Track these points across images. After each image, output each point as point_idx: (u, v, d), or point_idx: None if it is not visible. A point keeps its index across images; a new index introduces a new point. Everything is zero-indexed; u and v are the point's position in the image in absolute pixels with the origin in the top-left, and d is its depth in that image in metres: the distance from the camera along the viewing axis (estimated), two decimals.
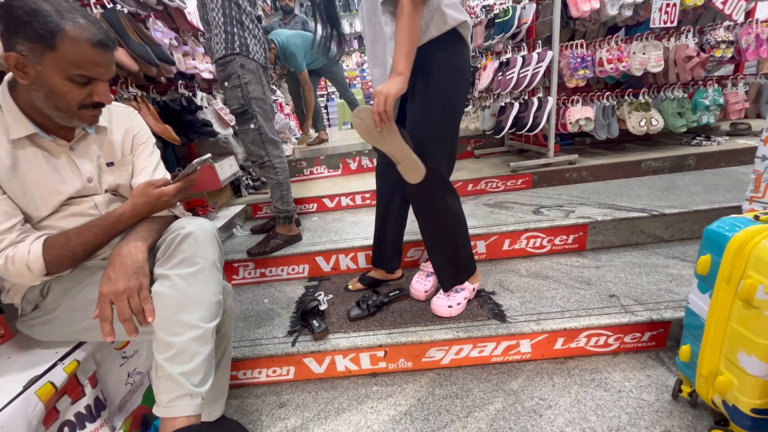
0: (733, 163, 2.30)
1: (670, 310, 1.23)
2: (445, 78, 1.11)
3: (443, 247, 1.31)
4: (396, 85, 1.02)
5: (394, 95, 1.02)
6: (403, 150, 1.10)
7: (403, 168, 1.13)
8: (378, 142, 1.12)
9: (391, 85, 1.02)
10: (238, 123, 1.70)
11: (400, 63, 1.03)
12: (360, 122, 1.09)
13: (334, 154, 3.00)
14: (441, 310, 1.34)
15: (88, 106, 0.81)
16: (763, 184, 1.33)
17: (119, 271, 0.77)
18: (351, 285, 1.60)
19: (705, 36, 2.43)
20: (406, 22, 1.00)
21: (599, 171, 2.30)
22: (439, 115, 1.14)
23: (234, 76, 1.59)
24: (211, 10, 1.55)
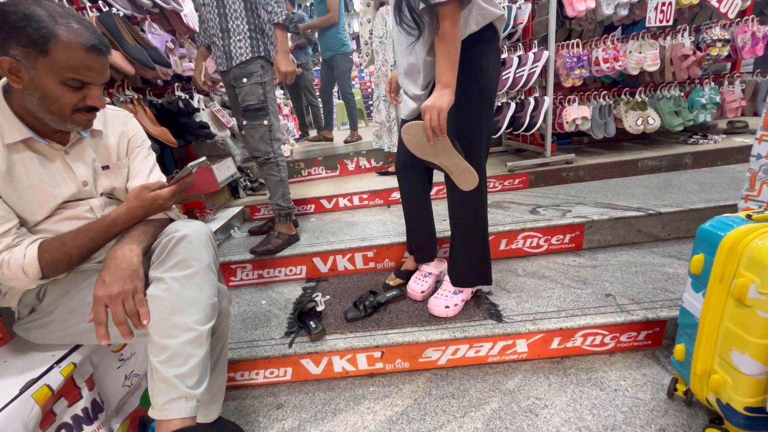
0: (730, 161, 2.30)
1: (666, 309, 1.24)
2: (483, 72, 1.12)
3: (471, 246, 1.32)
4: (446, 97, 1.01)
5: (447, 108, 1.01)
6: (457, 160, 1.08)
7: (457, 177, 1.12)
8: (431, 156, 1.09)
9: (442, 99, 1.00)
10: (249, 118, 1.72)
11: (447, 75, 1.01)
12: (410, 138, 1.07)
13: (332, 155, 3.01)
14: (438, 310, 1.34)
15: (81, 111, 0.82)
16: (758, 183, 1.33)
17: (114, 275, 0.77)
18: (390, 281, 1.61)
19: (701, 34, 2.43)
20: (449, 35, 0.99)
21: (596, 170, 2.30)
22: (479, 109, 1.14)
23: (256, 74, 1.68)
24: (234, 20, 1.63)
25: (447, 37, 0.98)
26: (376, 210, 2.31)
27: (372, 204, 2.39)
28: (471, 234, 1.30)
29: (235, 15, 1.64)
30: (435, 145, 1.05)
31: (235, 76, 1.69)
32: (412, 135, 1.06)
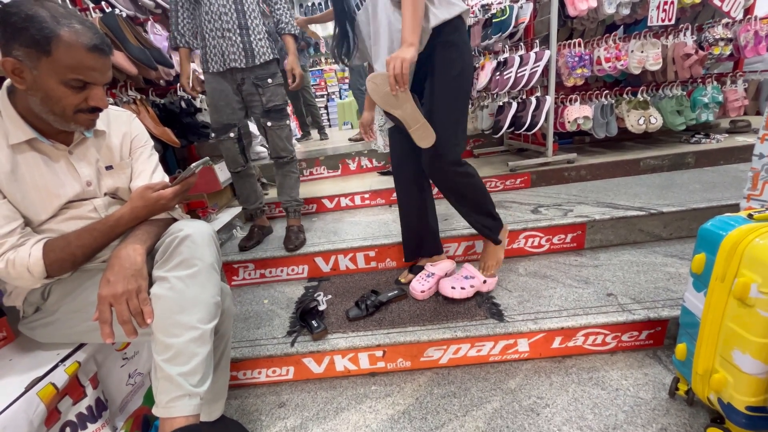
0: (733, 160, 2.30)
1: (668, 308, 1.24)
2: (459, 55, 1.21)
3: (473, 210, 1.40)
4: (409, 51, 1.06)
5: (410, 59, 1.06)
6: (416, 114, 1.15)
7: (415, 132, 1.18)
8: (392, 106, 1.15)
9: (406, 52, 1.06)
10: (275, 119, 1.75)
11: (410, 35, 1.08)
12: (375, 87, 1.13)
13: (333, 155, 3.01)
14: (445, 290, 1.41)
15: (84, 111, 0.82)
16: (760, 182, 1.33)
17: (118, 274, 0.78)
18: (403, 278, 1.62)
19: (703, 33, 2.42)
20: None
21: (598, 170, 2.30)
22: (456, 88, 1.23)
23: (278, 75, 1.73)
24: (252, 18, 1.63)
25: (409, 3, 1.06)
26: (377, 210, 2.32)
27: (374, 204, 2.40)
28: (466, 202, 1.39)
29: (253, 15, 1.64)
30: (397, 96, 1.12)
31: (259, 75, 1.68)
32: (378, 84, 1.12)
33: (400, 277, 1.63)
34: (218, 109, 1.69)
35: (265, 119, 1.74)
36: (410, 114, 1.15)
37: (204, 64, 1.66)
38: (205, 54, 1.65)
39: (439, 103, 1.23)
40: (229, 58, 1.62)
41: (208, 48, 1.63)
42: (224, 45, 1.61)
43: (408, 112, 1.15)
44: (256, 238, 1.93)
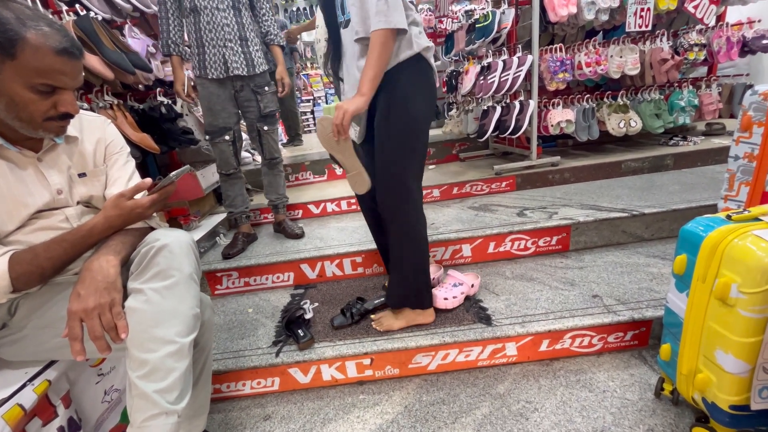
0: (709, 162, 2.36)
1: (651, 308, 1.25)
2: (409, 99, 1.17)
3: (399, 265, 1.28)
4: (356, 103, 1.10)
5: (353, 112, 1.10)
6: (354, 162, 1.20)
7: (351, 178, 1.23)
8: (333, 151, 1.21)
9: (352, 103, 1.10)
10: (270, 124, 1.89)
11: (365, 85, 1.11)
12: (321, 129, 1.19)
13: (320, 160, 2.98)
14: (437, 301, 1.37)
15: (54, 118, 0.79)
16: (736, 183, 1.36)
17: (89, 287, 0.74)
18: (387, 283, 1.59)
19: (679, 39, 2.50)
20: (378, 50, 1.09)
21: (581, 172, 2.33)
22: (404, 133, 1.17)
23: (272, 83, 1.86)
24: (249, 30, 1.74)
25: (378, 47, 1.08)
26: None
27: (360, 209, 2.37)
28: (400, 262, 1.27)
29: (251, 27, 1.76)
30: (339, 142, 1.17)
31: (258, 83, 1.81)
32: (324, 127, 1.18)
33: (386, 281, 1.61)
34: (215, 113, 1.75)
35: (262, 123, 1.86)
36: (349, 161, 1.20)
37: (201, 70, 1.70)
38: (203, 61, 1.69)
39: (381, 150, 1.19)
40: (232, 66, 1.71)
41: (207, 56, 1.68)
42: (227, 54, 1.69)
43: (347, 158, 1.20)
44: (240, 245, 1.89)
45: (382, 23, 1.07)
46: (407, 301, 1.32)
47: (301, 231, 2.01)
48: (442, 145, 3.14)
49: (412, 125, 1.17)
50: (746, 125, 1.28)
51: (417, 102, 1.17)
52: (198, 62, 1.69)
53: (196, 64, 1.69)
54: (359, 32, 1.13)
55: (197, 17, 1.64)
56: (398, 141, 1.17)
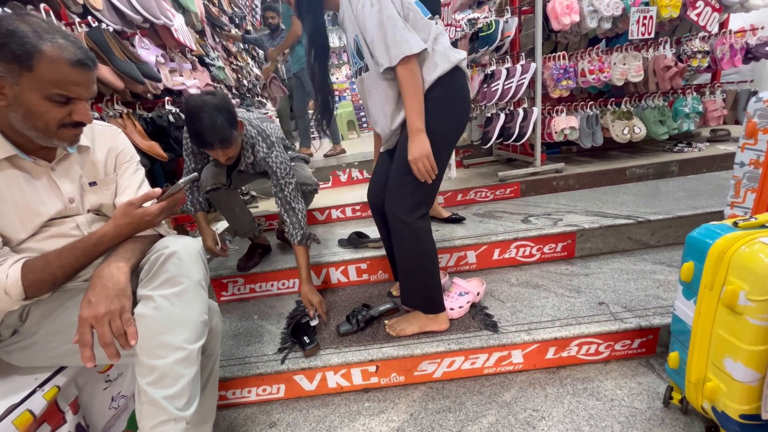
0: (715, 168, 2.35)
1: (659, 316, 1.24)
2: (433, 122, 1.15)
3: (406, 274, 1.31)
4: (422, 142, 1.12)
5: (428, 152, 1.12)
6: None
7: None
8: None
9: (421, 146, 1.11)
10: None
11: (416, 121, 1.11)
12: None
13: (324, 167, 3.01)
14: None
15: (68, 126, 0.81)
16: (742, 190, 1.36)
17: (100, 294, 0.75)
18: (394, 290, 1.60)
19: (682, 46, 2.51)
20: (410, 81, 1.10)
21: (585, 179, 2.33)
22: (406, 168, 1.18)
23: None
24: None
25: (407, 80, 1.09)
26: (369, 221, 2.31)
27: (365, 215, 2.39)
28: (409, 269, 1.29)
29: None
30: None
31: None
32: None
33: (392, 289, 1.62)
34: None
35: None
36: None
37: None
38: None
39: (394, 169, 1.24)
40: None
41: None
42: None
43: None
44: (256, 258, 1.85)
45: (403, 52, 1.07)
46: (420, 304, 1.32)
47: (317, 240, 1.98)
48: None
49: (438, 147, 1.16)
50: (751, 132, 1.28)
51: (443, 123, 1.17)
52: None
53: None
54: (383, 63, 1.11)
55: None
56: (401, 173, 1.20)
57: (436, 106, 1.16)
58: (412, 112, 1.11)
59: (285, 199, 1.50)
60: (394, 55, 1.08)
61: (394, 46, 1.08)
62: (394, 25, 1.08)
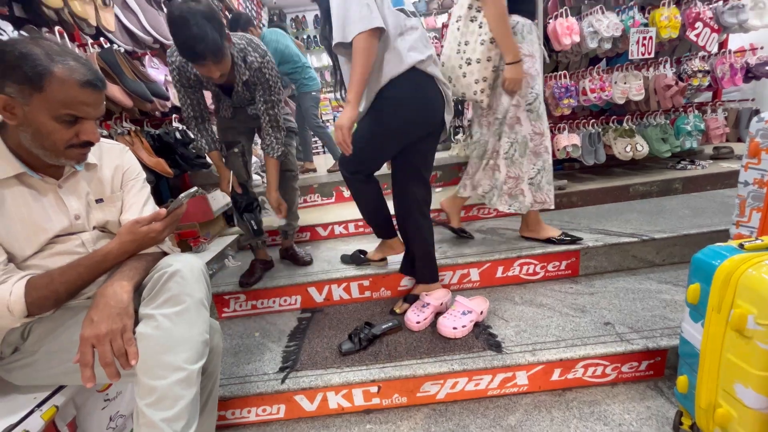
0: (719, 186, 2.35)
1: (666, 337, 1.22)
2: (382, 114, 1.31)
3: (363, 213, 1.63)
4: (346, 115, 1.22)
5: (348, 126, 1.23)
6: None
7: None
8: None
9: (343, 117, 1.22)
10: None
11: (350, 92, 1.20)
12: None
13: (328, 182, 3.02)
14: (446, 330, 1.36)
15: (75, 146, 0.82)
16: (747, 209, 1.35)
17: (102, 313, 0.75)
18: (398, 308, 1.60)
19: (682, 66, 2.54)
20: (360, 54, 1.16)
21: (588, 196, 2.33)
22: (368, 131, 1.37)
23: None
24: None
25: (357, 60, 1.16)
26: (371, 237, 2.30)
27: (368, 231, 2.39)
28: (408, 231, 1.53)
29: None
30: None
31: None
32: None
33: (395, 307, 1.60)
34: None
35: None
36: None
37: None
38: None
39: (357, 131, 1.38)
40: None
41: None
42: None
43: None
44: (258, 273, 1.84)
45: (362, 27, 1.13)
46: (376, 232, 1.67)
47: (310, 258, 1.97)
48: (449, 168, 3.16)
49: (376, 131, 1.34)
50: (754, 151, 1.29)
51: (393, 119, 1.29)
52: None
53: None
54: (336, 38, 1.19)
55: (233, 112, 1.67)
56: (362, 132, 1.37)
57: (388, 104, 1.27)
58: (352, 83, 1.19)
59: (274, 117, 1.57)
60: (350, 31, 1.15)
61: (354, 21, 1.14)
62: (358, 2, 1.13)
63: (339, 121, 1.23)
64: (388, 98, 1.27)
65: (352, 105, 1.21)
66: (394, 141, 1.39)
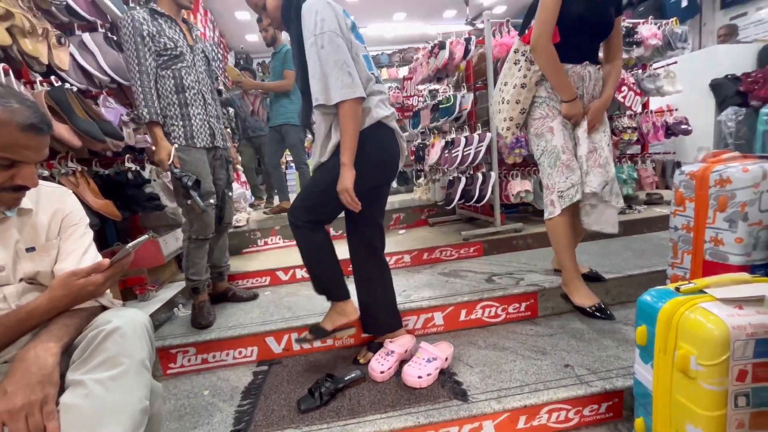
0: (654, 229, 2.57)
1: (621, 378, 1.26)
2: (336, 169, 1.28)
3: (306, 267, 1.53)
4: (347, 176, 1.24)
5: (351, 186, 1.24)
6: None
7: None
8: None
9: (345, 179, 1.24)
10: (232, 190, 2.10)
11: (345, 155, 1.23)
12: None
13: None
14: (411, 380, 1.32)
15: (7, 189, 0.76)
16: (680, 251, 1.49)
17: (19, 382, 0.65)
18: (361, 358, 1.53)
19: (614, 122, 2.86)
20: (351, 120, 1.21)
21: (543, 238, 2.45)
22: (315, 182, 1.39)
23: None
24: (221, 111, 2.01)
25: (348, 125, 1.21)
26: None
27: None
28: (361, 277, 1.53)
29: (217, 105, 1.92)
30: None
31: (230, 155, 2.00)
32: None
33: (359, 356, 1.54)
34: (203, 177, 1.77)
35: (228, 189, 1.99)
36: None
37: (189, 140, 1.74)
38: (190, 131, 1.74)
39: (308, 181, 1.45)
40: (216, 138, 1.86)
41: (195, 127, 1.76)
42: (212, 126, 1.83)
43: None
44: (214, 313, 1.84)
45: (348, 95, 1.19)
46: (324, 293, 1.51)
47: (253, 293, 2.03)
48: (412, 211, 3.24)
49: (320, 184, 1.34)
50: (679, 200, 1.44)
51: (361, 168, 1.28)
52: (185, 132, 1.72)
53: (181, 134, 1.71)
54: (319, 99, 1.23)
55: (183, 93, 1.72)
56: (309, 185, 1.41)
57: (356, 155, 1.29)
58: (345, 147, 1.23)
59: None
60: (334, 96, 1.19)
61: (338, 87, 1.19)
62: (340, 68, 1.19)
63: (343, 184, 1.24)
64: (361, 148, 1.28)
65: (349, 166, 1.24)
66: (354, 189, 1.40)
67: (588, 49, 1.60)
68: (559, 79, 1.53)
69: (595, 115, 1.60)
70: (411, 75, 3.40)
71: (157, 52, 1.64)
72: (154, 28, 1.63)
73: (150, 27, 1.62)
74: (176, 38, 1.69)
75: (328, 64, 1.19)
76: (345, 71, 1.19)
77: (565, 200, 1.56)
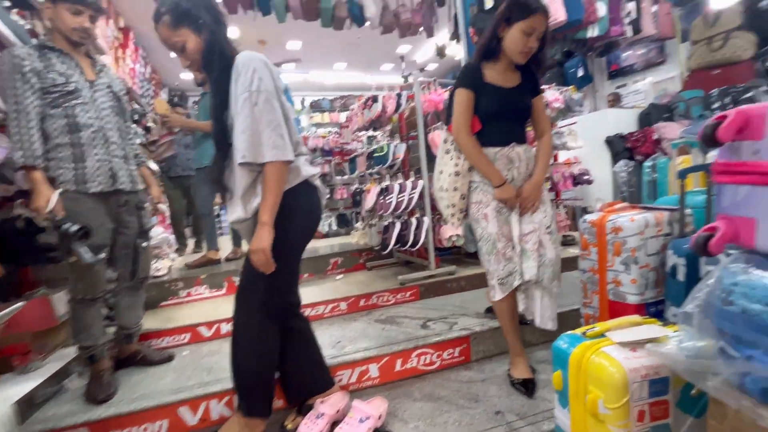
0: (569, 268, 2.81)
1: (547, 421, 1.30)
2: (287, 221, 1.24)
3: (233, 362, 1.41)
4: (264, 237, 1.18)
5: (269, 247, 1.18)
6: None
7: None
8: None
9: (262, 240, 1.17)
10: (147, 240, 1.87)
11: (266, 214, 1.19)
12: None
13: (218, 272, 2.76)
14: None
15: None
16: (589, 291, 1.63)
17: None
18: (289, 423, 1.39)
19: None
20: (276, 181, 1.19)
21: (474, 280, 2.56)
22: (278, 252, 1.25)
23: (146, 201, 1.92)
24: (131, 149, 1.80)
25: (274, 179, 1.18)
26: None
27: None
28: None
29: (131, 145, 1.78)
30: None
31: (141, 199, 1.81)
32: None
33: (286, 421, 1.41)
34: (94, 227, 1.52)
35: (141, 240, 1.78)
36: None
37: (80, 185, 1.54)
38: (83, 175, 1.55)
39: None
40: (118, 181, 1.65)
41: (89, 170, 1.56)
42: (114, 168, 1.64)
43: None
44: (115, 384, 1.57)
45: (278, 156, 1.17)
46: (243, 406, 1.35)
47: (168, 354, 1.85)
48: (350, 255, 3.22)
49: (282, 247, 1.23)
50: (584, 245, 1.61)
51: (293, 225, 1.27)
52: (75, 176, 1.53)
53: (71, 178, 1.52)
54: (246, 157, 1.18)
55: (78, 133, 1.54)
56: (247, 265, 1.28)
57: (282, 212, 1.24)
58: (267, 206, 1.18)
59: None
60: (265, 155, 1.16)
61: (270, 147, 1.16)
62: (273, 128, 1.17)
63: (258, 244, 1.17)
64: (284, 206, 1.23)
65: (268, 226, 1.18)
66: (296, 246, 1.35)
67: (512, 132, 1.60)
68: (483, 166, 1.55)
69: (527, 195, 1.56)
70: (347, 123, 3.53)
71: (44, 89, 1.48)
72: (41, 63, 1.48)
73: (35, 63, 1.46)
74: (69, 73, 1.54)
75: (261, 123, 1.16)
76: (278, 133, 1.18)
77: (505, 287, 1.57)
